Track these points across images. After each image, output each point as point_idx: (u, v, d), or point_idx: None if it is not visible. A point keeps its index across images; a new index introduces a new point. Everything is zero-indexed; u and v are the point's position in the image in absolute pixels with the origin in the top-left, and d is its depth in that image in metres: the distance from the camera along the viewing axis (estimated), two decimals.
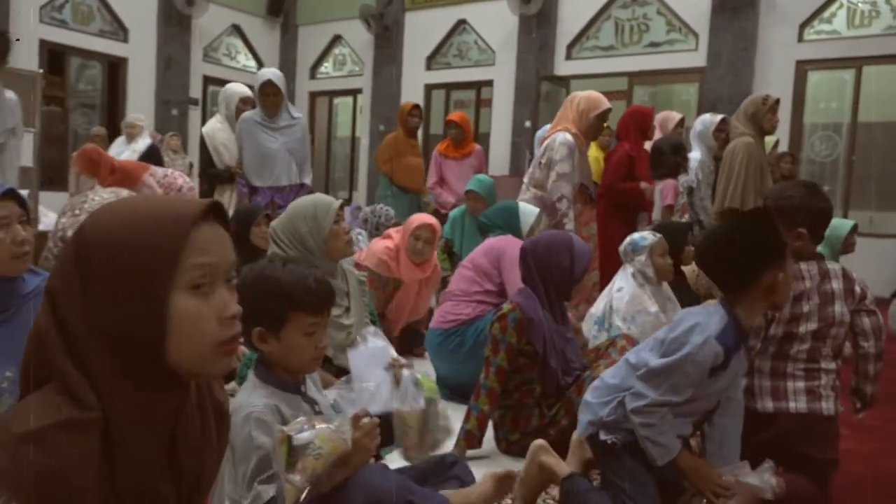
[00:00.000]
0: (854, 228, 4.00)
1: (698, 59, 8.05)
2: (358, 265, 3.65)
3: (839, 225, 3.99)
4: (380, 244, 3.68)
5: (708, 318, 1.70)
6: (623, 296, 2.99)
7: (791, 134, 7.60)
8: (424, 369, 3.48)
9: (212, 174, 4.34)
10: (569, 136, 3.55)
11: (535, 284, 2.37)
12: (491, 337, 2.32)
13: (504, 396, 2.35)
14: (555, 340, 2.33)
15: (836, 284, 2.03)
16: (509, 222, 3.30)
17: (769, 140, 4.53)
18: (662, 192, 4.49)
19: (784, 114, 7.54)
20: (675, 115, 4.92)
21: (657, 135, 4.75)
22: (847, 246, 4.14)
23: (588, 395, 1.88)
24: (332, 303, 1.51)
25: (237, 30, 10.97)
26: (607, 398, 1.81)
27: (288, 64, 11.45)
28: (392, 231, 3.80)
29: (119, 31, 9.49)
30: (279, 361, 1.48)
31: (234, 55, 11.05)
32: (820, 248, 4.23)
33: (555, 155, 3.54)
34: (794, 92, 7.56)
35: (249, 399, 1.43)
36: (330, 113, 11.62)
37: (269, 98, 4.01)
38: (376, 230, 4.46)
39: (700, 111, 7.44)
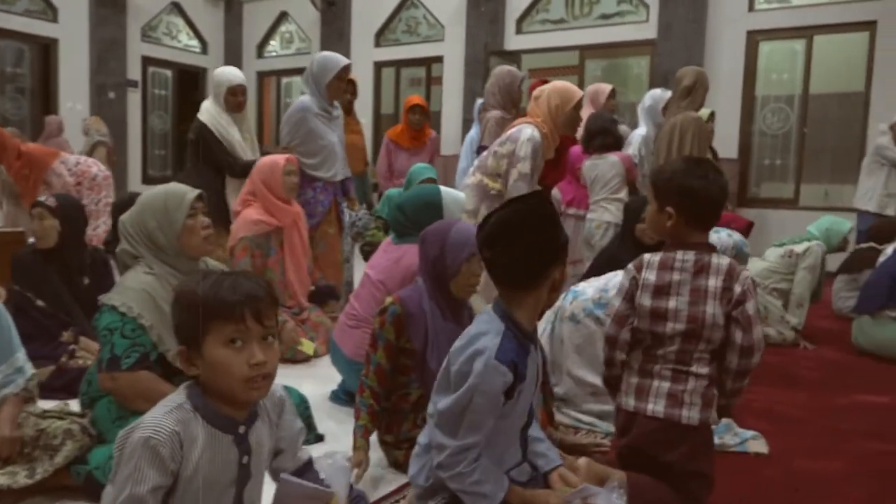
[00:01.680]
0: (850, 229, 4.26)
1: (649, 30, 7.80)
2: (232, 250, 3.48)
3: (841, 223, 4.19)
4: (245, 213, 3.56)
5: (485, 337, 1.46)
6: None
7: (743, 106, 7.41)
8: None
9: (247, 166, 3.82)
10: (537, 134, 3.25)
11: (423, 276, 2.17)
12: (371, 332, 2.14)
13: (382, 397, 2.15)
14: (439, 338, 2.10)
15: (714, 281, 1.77)
16: (432, 223, 2.88)
17: (703, 112, 4.32)
18: (630, 166, 4.30)
19: (735, 86, 7.37)
20: (606, 88, 4.68)
21: (588, 109, 4.51)
22: (844, 243, 4.21)
23: (410, 467, 1.64)
24: (259, 307, 1.22)
25: (177, 7, 10.47)
26: (420, 463, 1.56)
27: (233, 43, 11.01)
28: (247, 196, 3.62)
29: (47, 10, 8.98)
30: (210, 386, 1.24)
31: (175, 34, 10.56)
32: (821, 241, 4.15)
33: (519, 150, 3.24)
34: (746, 63, 7.36)
35: (161, 419, 1.20)
36: (279, 94, 11.21)
37: (344, 84, 3.98)
38: (359, 237, 4.52)
39: (651, 85, 7.22)
